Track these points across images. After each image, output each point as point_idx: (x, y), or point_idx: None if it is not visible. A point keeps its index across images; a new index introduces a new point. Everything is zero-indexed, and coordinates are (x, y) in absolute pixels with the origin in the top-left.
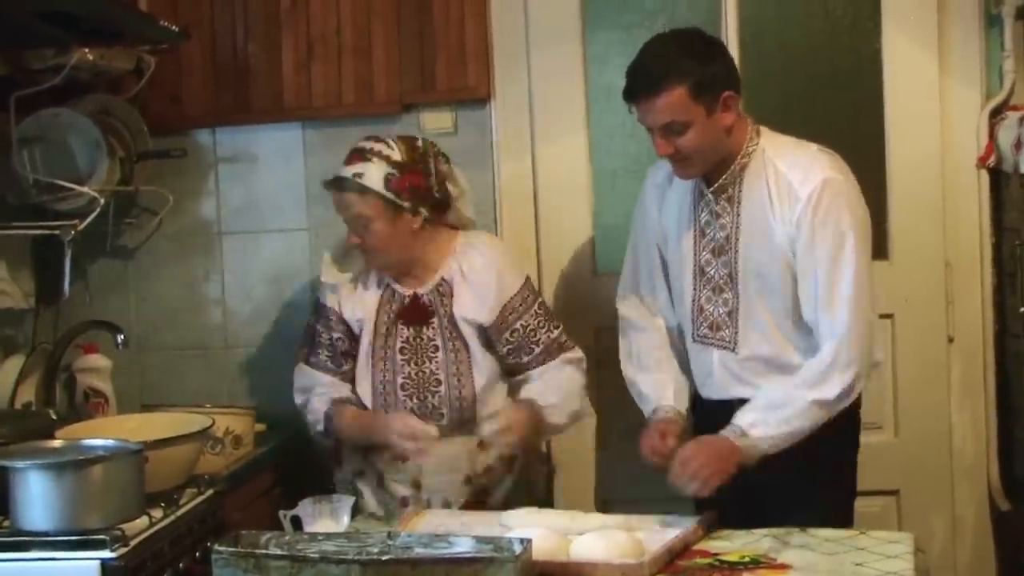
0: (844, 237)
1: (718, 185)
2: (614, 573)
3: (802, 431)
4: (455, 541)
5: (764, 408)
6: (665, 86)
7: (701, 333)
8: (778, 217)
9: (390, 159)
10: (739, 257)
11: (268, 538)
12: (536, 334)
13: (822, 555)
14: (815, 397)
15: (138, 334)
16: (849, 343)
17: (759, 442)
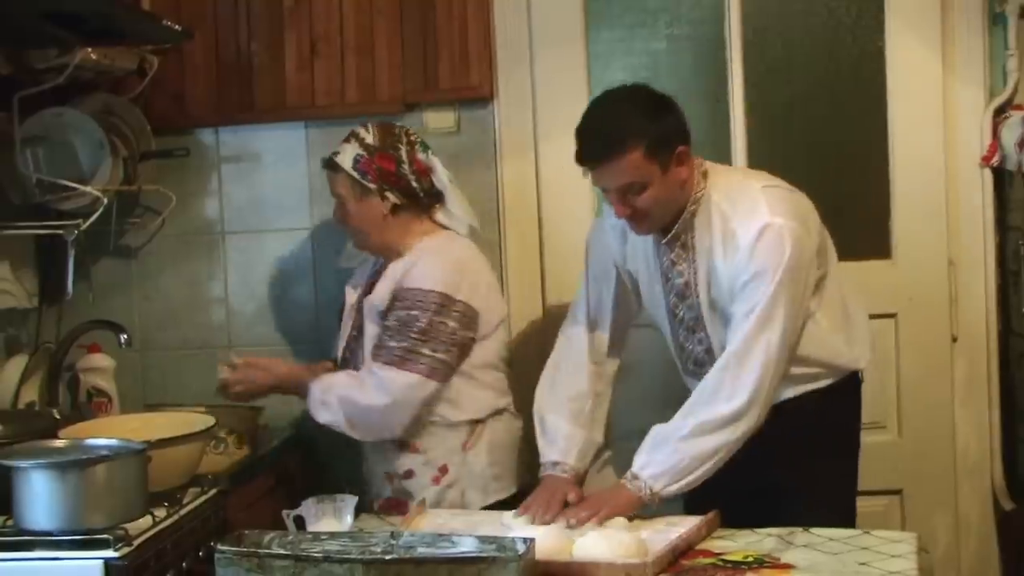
0: (772, 274)
1: (672, 235)
2: (618, 573)
3: (691, 467)
4: (458, 541)
5: (650, 448)
6: (621, 149)
7: (690, 369)
8: (724, 260)
9: (363, 141)
10: (700, 302)
11: (271, 537)
12: (394, 334)
13: (826, 555)
14: (701, 423)
15: (141, 334)
16: (743, 360)
17: (652, 482)
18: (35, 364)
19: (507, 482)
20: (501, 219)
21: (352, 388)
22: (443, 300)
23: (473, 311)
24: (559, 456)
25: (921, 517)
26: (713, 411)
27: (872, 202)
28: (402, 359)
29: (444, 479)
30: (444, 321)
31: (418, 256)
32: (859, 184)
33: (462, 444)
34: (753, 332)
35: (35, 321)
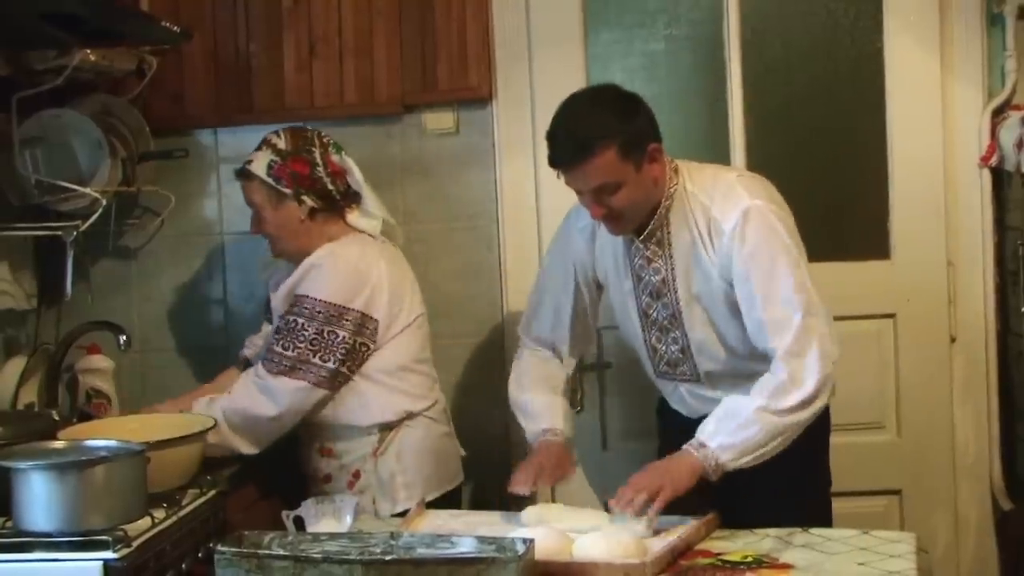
0: (774, 254)
1: (647, 232)
2: (616, 573)
3: (762, 442)
4: (458, 541)
5: (722, 418)
6: (594, 151)
7: (662, 370)
8: (708, 252)
9: (276, 147)
10: (678, 298)
11: (271, 538)
12: (283, 340)
13: (825, 555)
14: (771, 407)
15: (140, 334)
16: (803, 360)
17: (719, 452)
18: (34, 365)
19: (416, 490)
20: (500, 219)
21: (238, 397)
22: (334, 310)
23: (369, 319)
24: (547, 423)
25: (920, 517)
26: (780, 403)
27: (871, 202)
28: (291, 368)
29: (357, 484)
30: (335, 330)
31: (318, 260)
32: (858, 184)
33: (373, 450)
34: (803, 324)
35: (34, 322)
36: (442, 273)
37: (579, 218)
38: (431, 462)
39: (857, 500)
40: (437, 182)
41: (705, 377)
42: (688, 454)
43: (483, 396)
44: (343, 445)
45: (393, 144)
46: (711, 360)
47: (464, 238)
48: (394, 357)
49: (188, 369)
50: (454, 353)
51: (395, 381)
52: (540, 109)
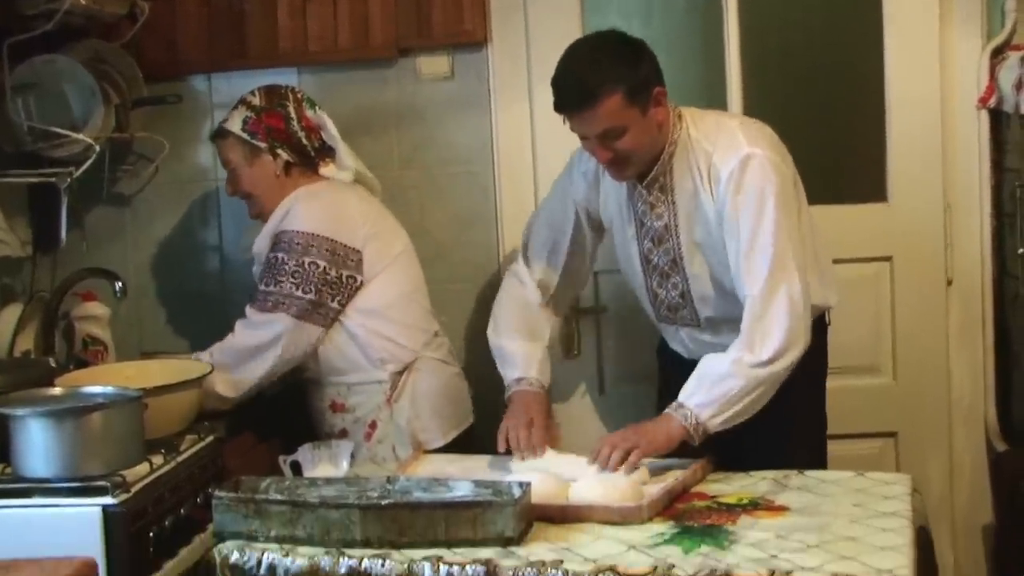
0: (763, 203)
1: (650, 178)
2: (613, 516)
3: (741, 395)
4: (454, 485)
5: (698, 377)
6: (601, 95)
7: (663, 315)
8: (708, 197)
9: (251, 104)
10: (680, 244)
11: (268, 483)
12: (266, 278)
13: (820, 496)
14: (745, 359)
15: (136, 281)
16: (769, 310)
17: (698, 411)
18: (30, 313)
19: (435, 433)
20: (495, 164)
21: (227, 338)
22: (312, 240)
23: (351, 250)
24: (521, 372)
25: (915, 459)
26: (754, 353)
27: (867, 145)
28: (276, 304)
29: (375, 435)
30: (315, 261)
31: (293, 201)
32: (854, 127)
33: (386, 398)
34: (770, 275)
35: (29, 270)
36: (438, 219)
37: (582, 162)
38: (445, 403)
39: (853, 443)
40: (432, 128)
41: (705, 322)
42: (667, 417)
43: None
44: (355, 399)
45: (387, 89)
46: (711, 306)
47: (460, 184)
48: (387, 291)
49: (184, 316)
50: (451, 298)
51: (394, 314)
52: (536, 53)
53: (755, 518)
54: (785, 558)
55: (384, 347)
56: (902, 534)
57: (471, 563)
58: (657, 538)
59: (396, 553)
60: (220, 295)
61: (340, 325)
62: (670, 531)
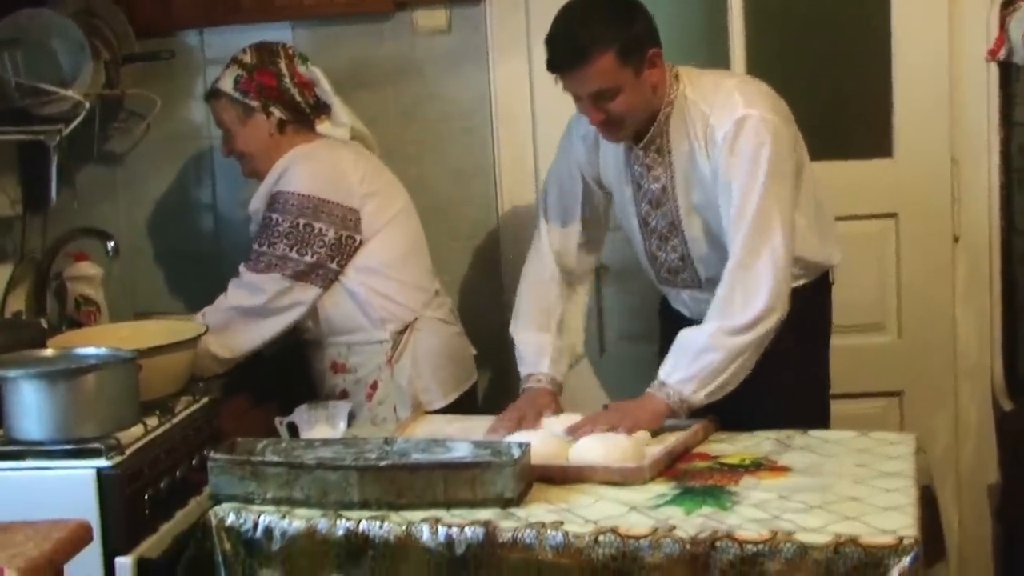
0: (756, 166)
1: (646, 140)
2: (614, 476)
3: (722, 366)
4: (453, 446)
5: (677, 352)
6: (592, 54)
7: (663, 277)
8: (704, 158)
9: (242, 62)
10: (678, 207)
11: (264, 445)
12: (260, 237)
13: (823, 457)
14: (724, 326)
15: (128, 241)
16: (751, 272)
17: (680, 387)
18: (21, 273)
19: (436, 394)
20: (493, 119)
21: (220, 299)
22: (308, 203)
23: (349, 210)
24: (531, 368)
25: (920, 418)
26: (733, 320)
27: (873, 99)
28: (268, 264)
29: (376, 396)
30: (311, 223)
31: (289, 161)
32: (859, 80)
33: (387, 358)
34: (754, 236)
35: (19, 229)
36: (436, 175)
37: (580, 126)
38: (447, 363)
39: (857, 402)
40: (429, 83)
41: (707, 283)
42: (650, 396)
43: (482, 295)
44: (356, 359)
45: (384, 44)
46: (711, 267)
47: (457, 140)
48: (387, 249)
49: (177, 276)
50: (450, 255)
51: (395, 272)
52: (535, 6)
53: (757, 479)
54: (788, 519)
55: (385, 306)
56: (906, 494)
57: (470, 524)
58: (658, 499)
59: (394, 515)
60: (215, 254)
61: (340, 285)
62: (671, 492)
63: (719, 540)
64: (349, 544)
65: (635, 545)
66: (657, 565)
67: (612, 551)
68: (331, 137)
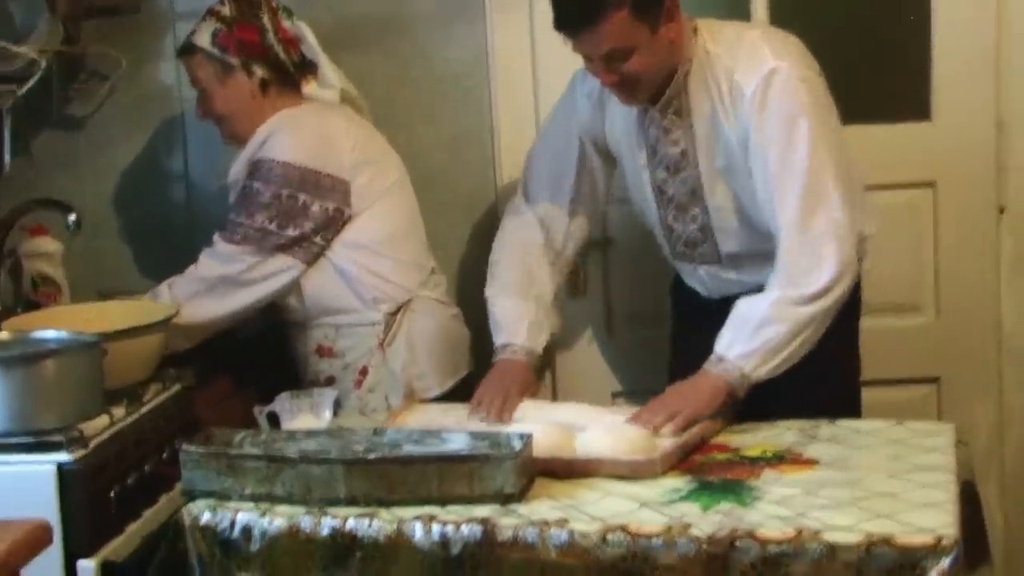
0: (795, 121)
1: (663, 100)
2: (623, 470)
3: (786, 339)
4: (448, 437)
5: (735, 324)
6: (605, 12)
7: (679, 251)
8: (729, 119)
9: (220, 15)
10: (699, 173)
11: (242, 436)
12: (238, 207)
13: (853, 449)
14: (788, 296)
15: (92, 214)
16: (811, 231)
17: (741, 362)
18: None
19: (432, 381)
20: (491, 80)
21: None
22: (294, 173)
23: (338, 181)
24: (507, 337)
25: (960, 407)
26: (799, 289)
27: (909, 56)
28: (244, 236)
29: (365, 383)
30: (295, 195)
31: (274, 126)
32: (894, 36)
33: (379, 342)
34: (808, 196)
35: None
36: (428, 142)
37: (585, 83)
38: (443, 348)
39: (890, 389)
40: (419, 40)
41: (727, 259)
42: (707, 373)
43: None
44: (345, 342)
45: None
46: (734, 241)
47: (452, 103)
48: (381, 224)
49: (146, 251)
50: (444, 229)
51: (389, 249)
52: None
53: (780, 472)
54: (814, 516)
55: (377, 285)
56: (945, 489)
57: (467, 522)
58: (672, 494)
59: (384, 512)
60: (187, 229)
61: (328, 261)
62: (686, 487)
63: (739, 539)
64: (335, 544)
65: (646, 544)
66: (671, 566)
67: (621, 551)
68: (319, 100)
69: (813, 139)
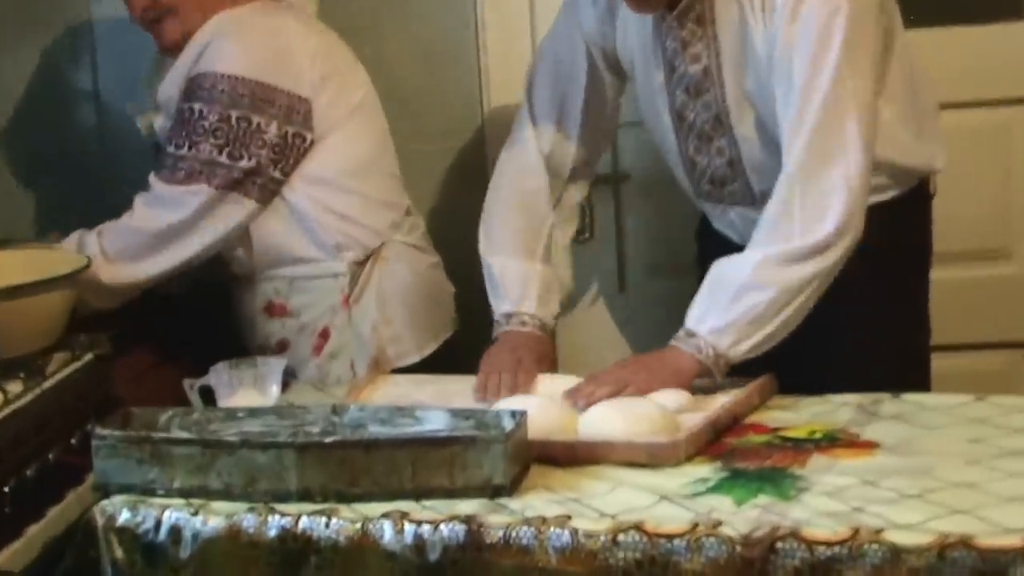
0: (826, 36)
1: (682, 6)
2: (638, 455)
3: (772, 310)
4: (424, 416)
5: (710, 290)
6: None
7: (704, 190)
8: (760, 29)
9: None
10: (725, 94)
11: (169, 417)
12: (175, 136)
13: (922, 429)
14: (774, 254)
15: None
16: (819, 176)
17: (713, 339)
18: None
19: (409, 344)
20: None
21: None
22: (244, 88)
23: (297, 99)
24: (513, 304)
25: None
26: (788, 244)
27: None
28: (189, 172)
29: (327, 348)
30: (248, 116)
31: (214, 32)
32: None
33: (343, 297)
34: (822, 132)
35: None
36: (401, 56)
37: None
38: (423, 304)
39: (969, 355)
40: None
41: (762, 198)
42: (674, 351)
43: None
44: (301, 298)
45: None
46: (770, 178)
47: (429, 9)
48: (345, 152)
49: (46, 190)
50: (420, 162)
51: (355, 183)
52: None
53: (833, 458)
54: (874, 512)
55: (341, 228)
56: None
57: (447, 521)
58: (698, 485)
59: (345, 509)
60: (97, 160)
61: (282, 200)
62: (716, 476)
63: (781, 540)
64: (285, 548)
65: (667, 547)
66: (697, 573)
67: (636, 555)
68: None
69: (840, 63)
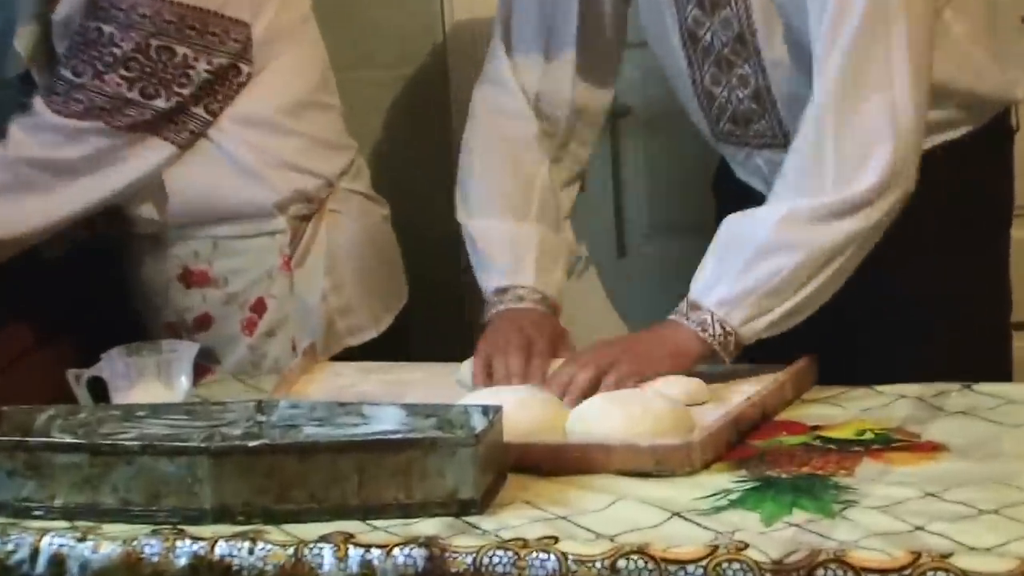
0: None
1: None
2: (642, 461)
3: (795, 279)
4: (373, 413)
5: (719, 253)
6: None
7: (724, 130)
8: None
9: None
10: (750, 8)
11: (49, 416)
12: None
13: (1000, 427)
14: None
15: None
16: (856, 111)
17: (723, 314)
18: None
19: (364, 316)
20: None
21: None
22: (169, 11)
23: (233, 23)
24: (503, 277)
25: None
26: (820, 196)
27: None
28: (89, 105)
29: (261, 323)
30: (170, 46)
31: None
32: None
33: (283, 260)
34: (861, 55)
35: None
36: None
37: None
38: (377, 266)
39: None
40: None
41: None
42: (674, 325)
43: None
44: (228, 262)
45: None
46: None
47: None
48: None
49: None
50: (371, 99)
51: (295, 122)
52: None
53: (887, 464)
54: (938, 531)
55: (281, 176)
56: None
57: (402, 545)
58: (718, 498)
59: (274, 531)
60: None
61: (207, 141)
62: (739, 487)
63: (822, 567)
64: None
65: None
66: None
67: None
68: None
69: None
